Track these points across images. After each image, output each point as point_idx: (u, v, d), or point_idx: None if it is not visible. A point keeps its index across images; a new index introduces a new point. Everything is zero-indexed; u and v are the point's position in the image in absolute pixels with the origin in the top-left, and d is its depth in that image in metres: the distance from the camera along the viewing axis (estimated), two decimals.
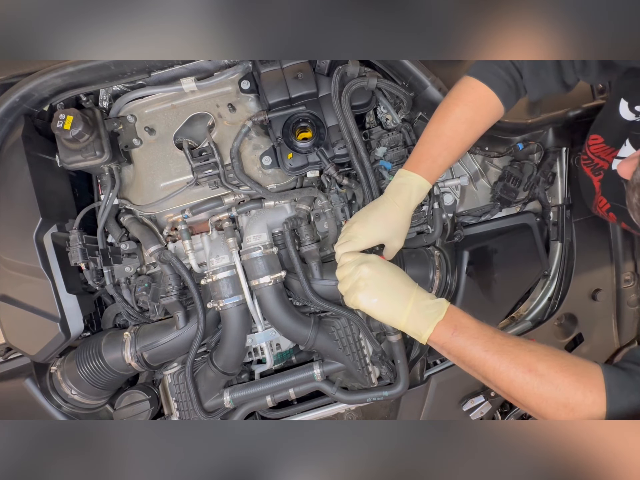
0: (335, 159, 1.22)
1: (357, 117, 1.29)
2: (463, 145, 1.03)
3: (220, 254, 1.19)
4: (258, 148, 1.23)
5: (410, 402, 1.31)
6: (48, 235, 1.13)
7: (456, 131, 1.01)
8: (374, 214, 1.01)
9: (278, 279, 1.17)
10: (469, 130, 1.02)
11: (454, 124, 1.01)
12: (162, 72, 1.22)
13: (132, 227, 1.24)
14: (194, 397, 1.19)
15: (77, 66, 1.10)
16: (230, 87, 1.25)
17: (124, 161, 1.23)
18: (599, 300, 1.36)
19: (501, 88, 1.00)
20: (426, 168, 1.01)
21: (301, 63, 1.20)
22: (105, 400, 1.29)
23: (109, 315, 1.31)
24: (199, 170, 1.18)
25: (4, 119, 1.13)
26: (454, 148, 1.02)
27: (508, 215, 1.37)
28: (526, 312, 1.43)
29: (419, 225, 1.25)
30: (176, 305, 1.17)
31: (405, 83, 1.21)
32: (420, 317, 0.89)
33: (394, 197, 1.01)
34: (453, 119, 1.01)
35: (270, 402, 1.22)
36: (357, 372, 1.22)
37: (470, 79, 1.02)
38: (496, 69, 1.00)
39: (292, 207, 1.26)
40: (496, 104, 1.01)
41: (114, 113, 1.25)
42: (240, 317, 1.17)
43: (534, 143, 1.27)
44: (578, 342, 1.38)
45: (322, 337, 1.19)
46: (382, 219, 1.00)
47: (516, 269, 1.33)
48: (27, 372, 1.20)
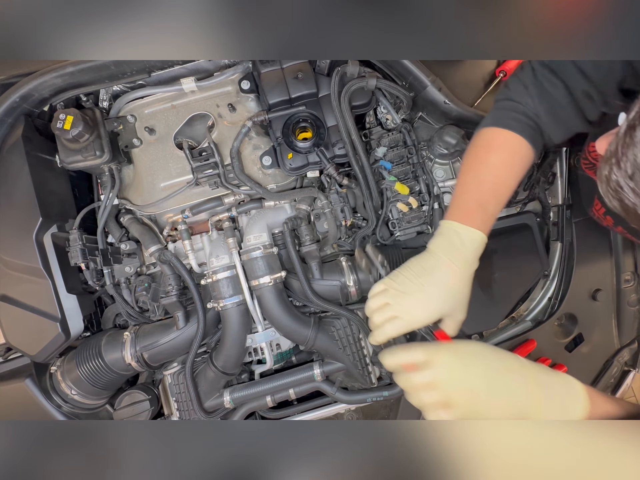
0: (335, 159, 1.22)
1: (357, 117, 1.29)
2: (508, 191, 0.92)
3: (220, 254, 1.19)
4: (258, 148, 1.23)
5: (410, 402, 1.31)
6: (48, 235, 1.13)
7: (498, 176, 0.90)
8: (428, 281, 0.84)
9: (278, 279, 1.17)
10: (509, 175, 0.91)
11: (493, 169, 0.90)
12: (162, 72, 1.22)
13: (132, 227, 1.24)
14: (194, 397, 1.19)
15: (77, 66, 1.10)
16: (230, 87, 1.25)
17: (124, 161, 1.23)
18: (599, 300, 1.36)
19: (527, 131, 0.91)
20: (480, 219, 0.87)
21: (301, 63, 1.20)
22: (105, 400, 1.29)
23: (109, 315, 1.31)
24: (199, 170, 1.18)
25: (4, 119, 1.13)
26: (501, 194, 0.91)
27: (508, 215, 1.37)
28: (526, 312, 1.43)
29: (419, 225, 1.25)
30: (176, 305, 1.17)
31: (405, 83, 1.21)
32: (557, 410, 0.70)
33: (448, 256, 0.85)
34: (490, 166, 0.91)
35: (270, 402, 1.22)
36: (357, 372, 1.22)
37: (490, 129, 0.94)
38: (515, 115, 0.92)
39: (292, 207, 1.26)
40: (527, 148, 0.92)
41: (114, 113, 1.25)
42: (240, 317, 1.17)
43: None
44: (578, 342, 1.38)
45: (322, 337, 1.19)
46: (441, 287, 0.84)
47: (516, 269, 1.33)
48: (27, 372, 1.20)
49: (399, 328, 0.82)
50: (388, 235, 1.28)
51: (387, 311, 0.84)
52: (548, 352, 1.34)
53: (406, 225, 1.24)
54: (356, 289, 1.19)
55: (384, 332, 0.83)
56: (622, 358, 1.39)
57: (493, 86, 1.25)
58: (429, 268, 0.86)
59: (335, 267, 1.21)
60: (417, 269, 0.87)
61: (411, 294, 0.83)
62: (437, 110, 1.22)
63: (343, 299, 1.21)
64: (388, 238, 1.28)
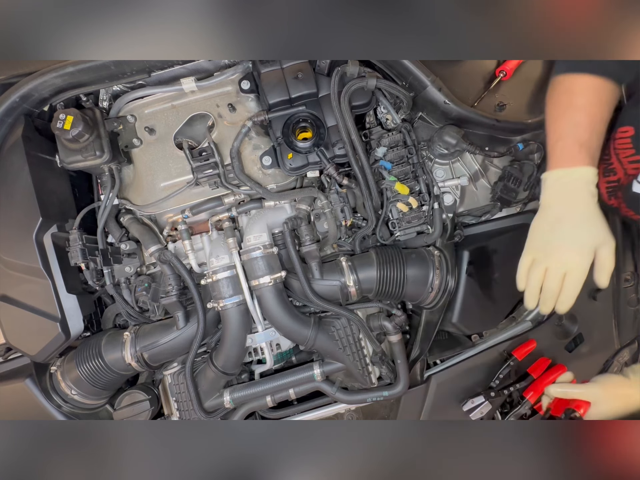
0: (335, 159, 1.22)
1: (357, 117, 1.29)
2: (604, 125, 0.92)
3: (220, 254, 1.19)
4: (258, 148, 1.23)
5: (410, 402, 1.31)
6: (48, 235, 1.13)
7: (590, 114, 0.89)
8: (562, 230, 0.88)
9: (278, 279, 1.17)
10: (601, 111, 0.90)
11: (583, 109, 0.90)
12: (162, 72, 1.22)
13: (132, 227, 1.24)
14: (194, 397, 1.19)
15: (77, 66, 1.10)
16: (230, 87, 1.25)
17: (124, 161, 1.23)
18: (599, 300, 1.36)
19: (602, 69, 0.90)
20: (587, 156, 0.89)
21: (301, 63, 1.20)
22: (105, 400, 1.29)
23: (109, 315, 1.32)
24: (199, 170, 1.18)
25: (4, 119, 1.13)
26: (599, 130, 0.91)
27: (508, 215, 1.37)
28: (526, 312, 1.43)
29: (419, 225, 1.25)
30: (176, 305, 1.17)
31: (405, 83, 1.21)
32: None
33: (565, 203, 0.89)
34: (579, 107, 0.90)
35: (270, 402, 1.22)
36: (357, 372, 1.22)
37: (566, 75, 0.93)
38: (584, 62, 0.91)
39: (292, 207, 1.26)
40: (609, 84, 0.91)
41: (114, 113, 1.25)
42: (240, 317, 1.17)
43: (534, 143, 1.27)
44: (578, 342, 1.38)
45: (322, 337, 1.19)
46: (578, 228, 0.87)
47: (516, 269, 1.33)
48: (27, 372, 1.20)
49: (574, 282, 0.86)
50: (388, 235, 1.28)
51: (552, 272, 0.88)
52: (548, 352, 1.34)
53: (406, 225, 1.24)
54: (356, 289, 1.19)
55: (567, 295, 0.88)
56: (622, 358, 1.39)
57: (493, 86, 1.25)
58: (558, 219, 0.89)
59: (335, 267, 1.21)
60: (547, 226, 0.91)
61: (560, 246, 0.87)
62: (437, 110, 1.22)
63: (343, 299, 1.21)
64: (388, 238, 1.28)
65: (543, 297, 0.94)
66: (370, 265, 1.19)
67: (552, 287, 0.91)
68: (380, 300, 1.26)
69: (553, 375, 1.29)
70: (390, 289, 1.20)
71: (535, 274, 0.93)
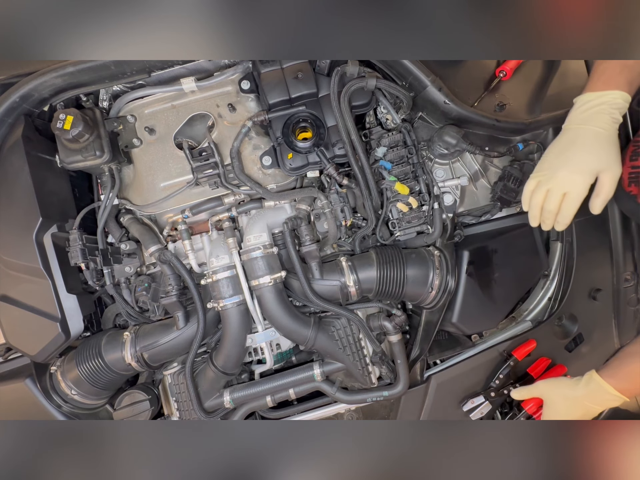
0: (335, 159, 1.22)
1: (357, 117, 1.29)
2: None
3: (220, 254, 1.19)
4: (258, 148, 1.23)
5: (410, 402, 1.31)
6: (48, 235, 1.13)
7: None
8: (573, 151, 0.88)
9: (278, 279, 1.17)
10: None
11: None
12: (162, 72, 1.22)
13: (132, 227, 1.24)
14: (194, 397, 1.18)
15: (77, 66, 1.10)
16: (230, 87, 1.25)
17: (124, 161, 1.23)
18: (599, 300, 1.36)
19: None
20: (625, 79, 0.86)
21: (301, 63, 1.20)
22: (105, 400, 1.29)
23: (109, 315, 1.32)
24: (199, 170, 1.18)
25: (4, 119, 1.13)
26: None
27: (508, 215, 1.37)
28: (526, 312, 1.43)
29: (419, 225, 1.25)
30: (176, 305, 1.17)
31: (405, 83, 1.21)
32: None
33: (585, 123, 0.88)
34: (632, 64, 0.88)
35: (270, 402, 1.22)
36: (357, 372, 1.22)
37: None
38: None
39: (292, 207, 1.26)
40: None
41: (114, 113, 1.25)
42: (240, 317, 1.17)
43: (534, 143, 1.27)
44: (578, 342, 1.38)
45: (322, 337, 1.19)
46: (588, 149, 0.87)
47: (516, 269, 1.33)
48: (27, 372, 1.20)
49: (571, 202, 0.87)
50: (388, 235, 1.28)
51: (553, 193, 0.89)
52: (548, 352, 1.34)
53: (406, 225, 1.24)
54: (356, 289, 1.19)
55: (564, 215, 0.90)
56: None
57: (493, 86, 1.25)
58: (570, 141, 0.89)
59: (335, 267, 1.21)
60: (557, 149, 0.91)
61: (563, 168, 0.88)
62: (437, 110, 1.21)
63: (343, 299, 1.21)
64: (388, 238, 1.28)
65: (542, 217, 0.97)
66: (370, 265, 1.19)
67: (550, 208, 0.93)
68: (380, 300, 1.27)
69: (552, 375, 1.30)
70: (390, 289, 1.20)
71: (537, 195, 0.94)
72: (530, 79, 1.28)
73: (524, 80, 1.28)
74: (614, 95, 0.87)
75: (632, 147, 1.10)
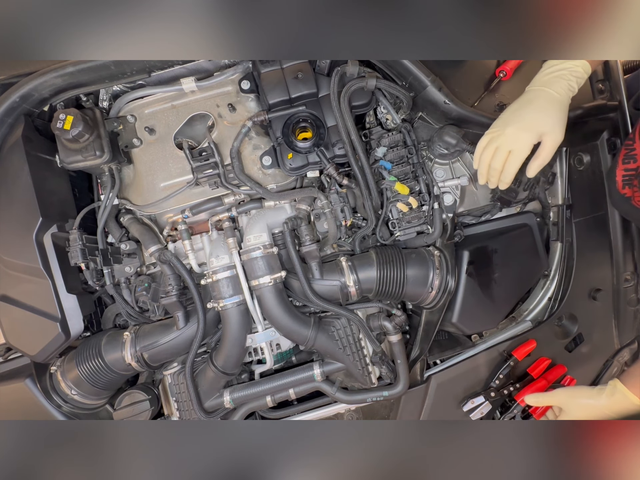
0: (335, 159, 1.22)
1: (357, 117, 1.29)
2: None
3: (220, 254, 1.19)
4: (258, 148, 1.23)
5: (410, 402, 1.31)
6: (48, 235, 1.13)
7: None
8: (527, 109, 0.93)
9: (278, 279, 1.17)
10: None
11: None
12: (162, 72, 1.22)
13: (132, 227, 1.24)
14: (194, 397, 1.19)
15: (77, 66, 1.10)
16: (230, 87, 1.25)
17: (124, 161, 1.23)
18: (599, 300, 1.36)
19: None
20: None
21: (301, 63, 1.20)
22: (105, 400, 1.29)
23: (109, 315, 1.32)
24: (199, 170, 1.18)
25: (4, 119, 1.13)
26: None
27: (508, 215, 1.37)
28: (526, 312, 1.43)
29: (419, 225, 1.25)
30: (176, 305, 1.17)
31: (405, 83, 1.21)
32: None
33: (545, 86, 0.94)
34: None
35: (270, 402, 1.22)
36: (357, 372, 1.22)
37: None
38: None
39: (292, 207, 1.26)
40: None
41: (114, 113, 1.25)
42: (240, 317, 1.17)
43: None
44: (578, 342, 1.38)
45: (322, 337, 1.19)
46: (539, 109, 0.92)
47: (516, 269, 1.33)
48: (27, 372, 1.20)
49: (514, 160, 0.91)
50: (388, 235, 1.28)
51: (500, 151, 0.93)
52: (548, 352, 1.35)
53: (406, 225, 1.24)
54: (356, 289, 1.19)
55: (506, 173, 0.94)
56: (622, 358, 1.39)
57: (493, 86, 1.25)
58: (527, 101, 0.94)
59: (335, 267, 1.21)
60: (515, 106, 0.96)
61: (512, 124, 0.92)
62: (437, 110, 1.22)
63: (343, 299, 1.21)
64: (388, 238, 1.28)
65: (488, 175, 1.00)
66: (370, 265, 1.19)
67: (496, 166, 0.97)
68: (380, 300, 1.27)
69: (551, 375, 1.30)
70: (390, 289, 1.20)
71: (486, 153, 0.98)
72: (530, 79, 1.28)
73: (524, 80, 1.27)
74: (575, 63, 0.92)
75: (624, 150, 1.11)
